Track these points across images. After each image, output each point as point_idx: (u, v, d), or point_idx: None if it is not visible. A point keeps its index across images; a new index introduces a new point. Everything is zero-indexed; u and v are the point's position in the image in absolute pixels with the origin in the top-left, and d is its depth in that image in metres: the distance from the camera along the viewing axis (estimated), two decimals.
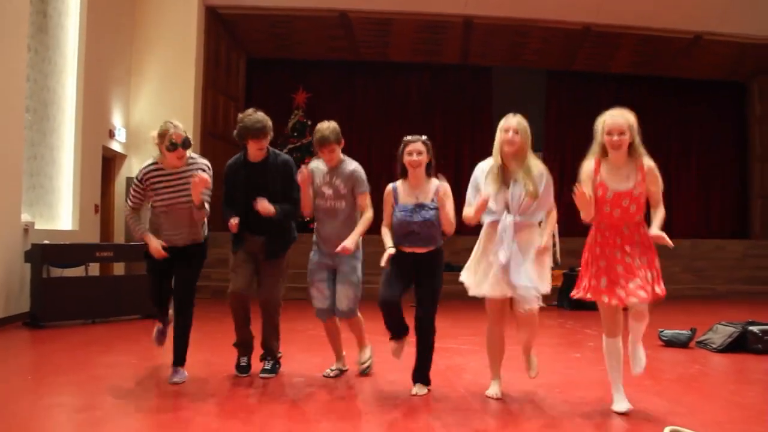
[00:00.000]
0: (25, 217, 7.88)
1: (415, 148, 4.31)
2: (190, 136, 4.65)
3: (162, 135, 4.46)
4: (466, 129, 15.37)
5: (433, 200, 4.29)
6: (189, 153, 4.62)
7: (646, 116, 17.04)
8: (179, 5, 11.97)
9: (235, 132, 4.77)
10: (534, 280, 4.01)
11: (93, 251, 8.10)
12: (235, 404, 4.07)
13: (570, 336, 7.03)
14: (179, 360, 4.67)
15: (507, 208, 4.05)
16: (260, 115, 4.71)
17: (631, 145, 3.80)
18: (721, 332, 6.35)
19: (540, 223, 4.17)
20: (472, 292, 4.17)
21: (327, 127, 4.60)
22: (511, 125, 4.10)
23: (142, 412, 3.89)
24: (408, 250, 4.31)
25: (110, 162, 11.24)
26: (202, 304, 5.08)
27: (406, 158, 4.32)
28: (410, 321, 4.41)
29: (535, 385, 4.44)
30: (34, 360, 5.78)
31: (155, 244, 4.52)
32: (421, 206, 4.29)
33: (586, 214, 3.81)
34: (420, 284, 4.37)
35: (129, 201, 4.73)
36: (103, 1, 10.19)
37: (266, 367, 4.87)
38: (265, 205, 4.51)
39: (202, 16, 12.32)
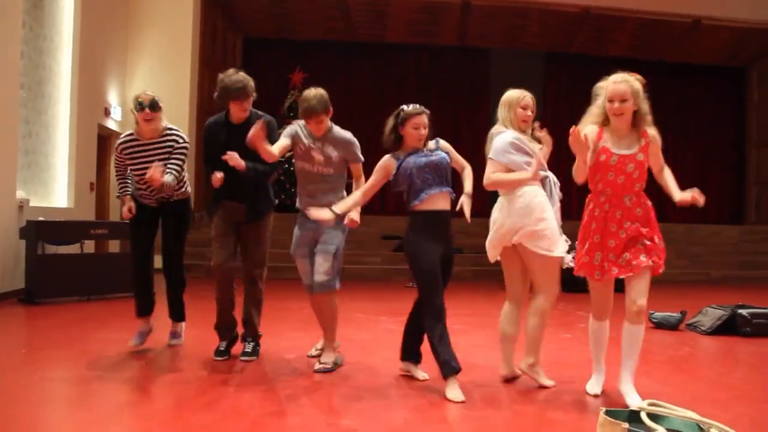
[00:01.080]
0: (20, 194, 7.88)
1: (422, 122, 4.00)
2: (186, 115, 4.67)
3: (133, 99, 4.61)
4: (464, 111, 15.36)
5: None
6: (166, 123, 4.72)
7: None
8: None
9: (215, 93, 4.52)
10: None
11: (88, 229, 8.12)
12: (219, 385, 4.11)
13: (562, 317, 7.07)
14: (174, 315, 4.98)
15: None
16: (241, 74, 4.48)
17: (635, 114, 3.59)
18: (711, 315, 6.41)
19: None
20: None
21: (314, 95, 4.29)
22: (529, 104, 4.14)
23: (133, 386, 3.93)
24: (440, 205, 3.94)
25: (106, 140, 11.23)
26: (197, 282, 5.10)
27: (412, 132, 3.97)
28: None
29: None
30: (29, 335, 5.82)
31: (126, 207, 4.73)
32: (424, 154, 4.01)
33: (580, 173, 3.60)
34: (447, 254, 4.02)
35: (116, 171, 4.93)
36: None
37: (247, 350, 4.68)
38: (235, 159, 4.18)
39: None
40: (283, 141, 4.39)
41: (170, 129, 4.73)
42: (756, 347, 5.63)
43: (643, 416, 2.36)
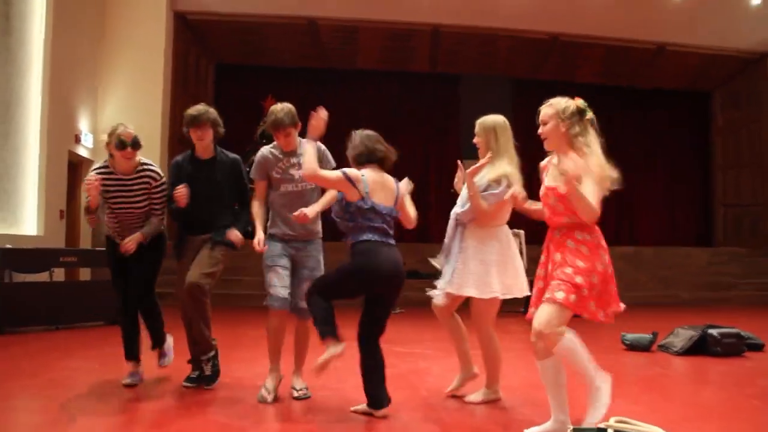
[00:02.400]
0: None
1: None
2: (158, 142, 4.64)
3: (111, 134, 4.43)
4: (435, 136, 15.49)
5: None
6: (140, 158, 4.58)
7: (613, 125, 17.36)
8: (148, 10, 11.93)
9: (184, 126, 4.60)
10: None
11: (57, 256, 7.98)
12: (194, 408, 4.05)
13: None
14: (160, 342, 4.84)
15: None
16: (203, 106, 4.61)
17: (565, 136, 3.34)
18: (682, 336, 6.48)
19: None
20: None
21: (281, 109, 4.32)
22: (476, 131, 4.22)
23: (100, 415, 3.85)
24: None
25: (77, 167, 11.12)
26: (167, 312, 5.01)
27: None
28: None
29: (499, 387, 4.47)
30: None
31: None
32: None
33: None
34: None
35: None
36: (70, 4, 10.10)
37: (207, 373, 4.57)
38: (237, 235, 4.44)
39: (170, 21, 12.29)
40: (261, 187, 4.43)
41: (145, 164, 4.59)
42: (726, 367, 5.70)
43: None
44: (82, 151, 11.08)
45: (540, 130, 3.40)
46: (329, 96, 15.00)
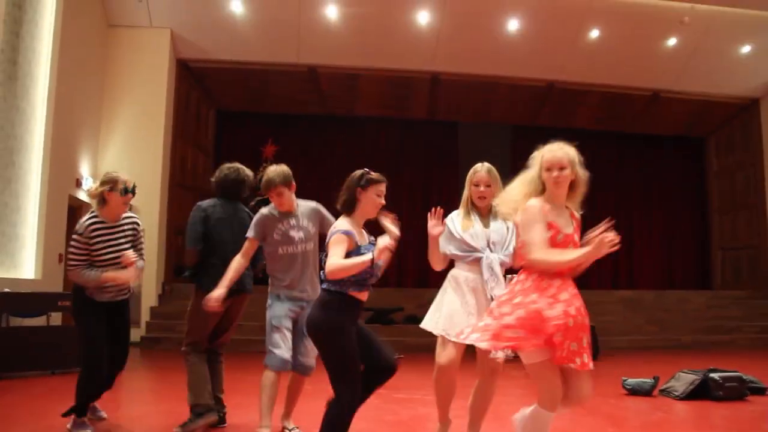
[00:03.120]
0: None
1: (384, 191, 3.70)
2: (158, 187, 4.76)
3: (112, 181, 4.51)
4: (434, 183, 15.62)
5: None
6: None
7: (609, 170, 17.51)
8: (151, 57, 12.12)
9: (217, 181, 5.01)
10: None
11: (54, 300, 7.95)
12: None
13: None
14: (83, 411, 4.62)
15: (489, 246, 3.92)
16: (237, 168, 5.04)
17: (572, 184, 3.34)
18: (683, 380, 6.44)
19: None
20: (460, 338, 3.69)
21: (274, 170, 4.41)
22: (482, 179, 4.01)
23: None
24: (364, 297, 3.57)
25: (76, 211, 11.14)
26: (168, 355, 5.00)
27: (375, 199, 3.63)
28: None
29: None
30: None
31: (124, 276, 4.50)
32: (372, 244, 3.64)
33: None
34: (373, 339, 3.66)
35: (72, 260, 4.50)
36: (75, 52, 10.28)
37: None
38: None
39: (173, 68, 12.48)
40: (254, 245, 4.42)
41: (127, 213, 4.72)
42: (729, 411, 5.66)
43: None
44: (83, 195, 11.13)
45: (556, 174, 3.27)
46: (329, 142, 15.24)
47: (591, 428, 4.94)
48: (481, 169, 4.05)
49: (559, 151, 3.30)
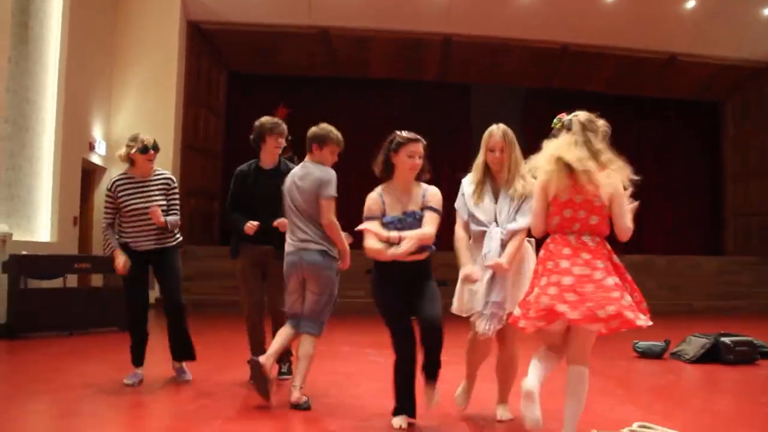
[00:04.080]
0: (3, 228, 7.83)
1: (418, 151, 3.75)
2: (170, 149, 4.85)
3: (133, 140, 4.81)
4: (445, 146, 15.51)
5: (421, 208, 3.74)
6: (154, 166, 4.93)
7: (623, 134, 17.32)
8: (161, 19, 12.02)
9: (251, 136, 4.96)
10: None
11: (71, 263, 8.06)
12: (212, 411, 4.09)
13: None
14: (189, 354, 4.96)
15: (495, 220, 3.79)
16: (276, 120, 4.99)
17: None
18: (694, 344, 6.47)
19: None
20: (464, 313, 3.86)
21: (333, 129, 4.53)
22: (497, 144, 3.84)
23: (120, 419, 3.89)
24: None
25: (90, 175, 11.21)
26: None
27: (406, 160, 3.71)
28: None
29: (512, 395, 4.47)
30: (10, 370, 5.74)
31: (121, 262, 4.76)
32: (410, 215, 3.73)
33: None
34: (418, 293, 3.75)
35: (104, 217, 4.94)
36: (85, 14, 10.21)
37: (283, 369, 5.09)
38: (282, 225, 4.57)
39: (183, 30, 12.38)
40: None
41: (158, 170, 4.98)
42: (739, 375, 5.70)
43: None
44: (96, 159, 11.18)
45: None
46: (340, 104, 15.13)
47: (601, 390, 4.98)
48: (497, 132, 3.87)
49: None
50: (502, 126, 3.93)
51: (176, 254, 5.02)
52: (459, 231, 3.91)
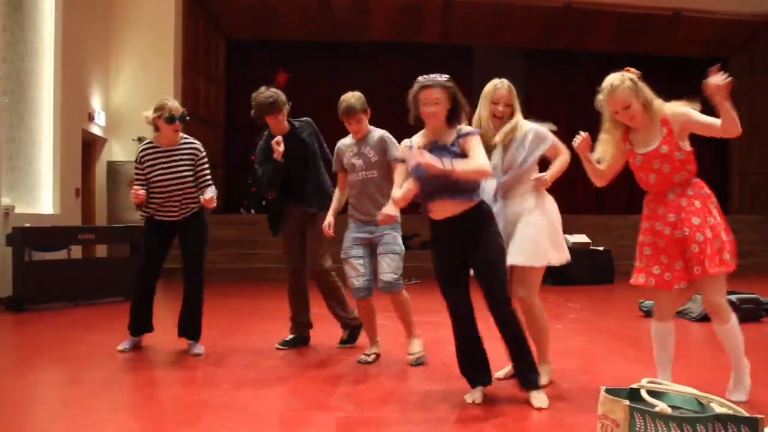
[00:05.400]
0: (6, 200, 7.81)
1: (430, 98, 3.40)
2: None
3: (161, 108, 4.65)
4: None
5: (454, 144, 3.39)
6: (181, 134, 4.80)
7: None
8: None
9: (252, 112, 4.87)
10: (522, 253, 3.62)
11: (75, 234, 8.06)
12: (222, 380, 4.10)
13: (552, 309, 7.10)
14: (194, 334, 4.86)
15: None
16: (271, 90, 4.82)
17: (647, 106, 3.38)
18: (700, 302, 6.44)
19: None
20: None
21: (352, 95, 4.43)
22: (503, 97, 3.82)
23: (127, 386, 3.91)
24: (439, 215, 3.40)
25: (90, 146, 11.16)
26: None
27: (421, 108, 3.43)
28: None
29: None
30: (17, 341, 5.77)
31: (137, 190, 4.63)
32: (440, 148, 3.36)
33: (592, 174, 3.52)
34: (474, 259, 3.46)
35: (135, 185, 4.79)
36: None
37: (344, 337, 5.07)
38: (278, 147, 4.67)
39: None
40: (341, 178, 4.66)
41: (186, 137, 4.85)
42: (745, 332, 5.58)
43: (644, 393, 2.38)
44: (96, 129, 11.12)
45: (622, 114, 3.37)
46: (341, 69, 14.98)
47: (609, 349, 5.01)
48: (502, 86, 3.84)
49: (616, 93, 3.37)
50: (506, 80, 3.91)
51: (200, 221, 4.87)
52: None
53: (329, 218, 4.53)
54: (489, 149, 3.80)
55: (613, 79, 3.38)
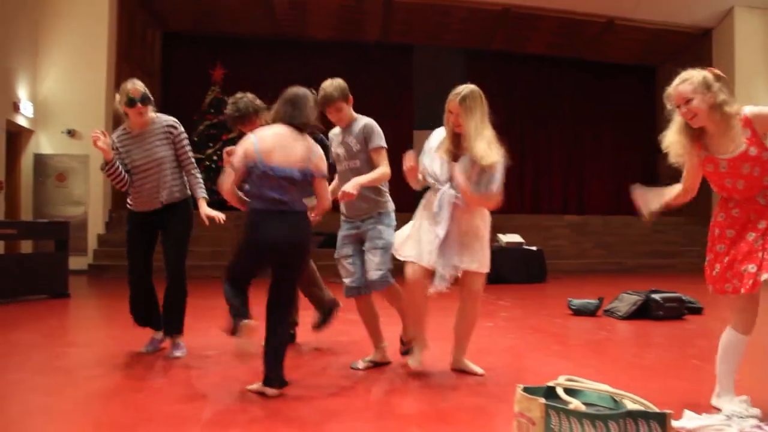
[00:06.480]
0: None
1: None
2: (103, 111, 4.52)
3: (120, 92, 4.36)
4: (389, 105, 15.44)
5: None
6: (153, 114, 4.46)
7: (563, 97, 17.52)
8: None
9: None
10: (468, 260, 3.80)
11: None
12: (140, 382, 3.99)
13: (484, 307, 7.17)
14: (176, 329, 4.53)
15: (451, 181, 3.78)
16: (243, 101, 4.72)
17: (716, 108, 3.06)
18: (626, 300, 6.66)
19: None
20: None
21: (331, 83, 4.17)
22: (452, 108, 3.78)
23: (45, 388, 3.76)
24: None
25: (16, 137, 10.74)
26: (116, 283, 4.91)
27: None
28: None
29: (447, 352, 4.51)
30: None
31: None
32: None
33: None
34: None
35: None
36: None
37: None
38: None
39: None
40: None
41: (159, 116, 4.50)
42: (668, 329, 5.89)
43: (560, 391, 2.42)
44: (22, 121, 10.70)
45: (684, 109, 3.11)
46: (280, 65, 14.83)
47: (537, 346, 5.09)
48: (455, 97, 3.78)
49: (678, 86, 3.15)
50: (465, 90, 3.81)
51: (185, 207, 4.54)
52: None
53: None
54: (459, 148, 3.83)
55: (687, 71, 3.16)
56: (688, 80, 3.10)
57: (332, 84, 4.18)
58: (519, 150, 15.45)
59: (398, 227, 4.14)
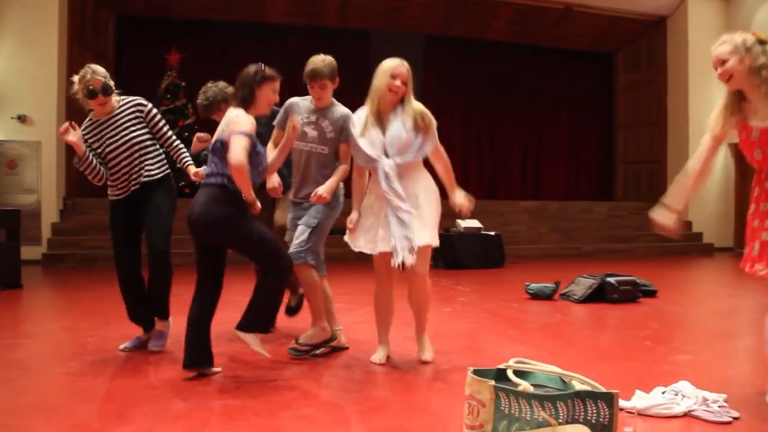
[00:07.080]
0: None
1: (277, 88, 3.84)
2: (55, 96, 4.33)
3: (80, 80, 4.09)
4: (346, 90, 15.29)
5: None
6: (117, 98, 4.25)
7: (521, 83, 17.61)
8: None
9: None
10: (413, 231, 3.68)
11: None
12: (96, 370, 3.93)
13: (443, 293, 7.25)
14: (159, 312, 4.36)
15: (385, 152, 3.76)
16: (211, 91, 4.80)
17: (755, 72, 2.95)
18: (582, 284, 6.77)
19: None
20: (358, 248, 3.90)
21: (322, 60, 4.10)
22: (402, 75, 3.79)
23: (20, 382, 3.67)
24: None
25: None
26: (71, 273, 4.79)
27: (271, 96, 3.81)
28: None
29: (405, 338, 4.52)
30: None
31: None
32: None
33: None
34: None
35: None
36: None
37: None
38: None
39: None
40: (279, 136, 4.20)
41: (125, 98, 4.28)
42: (622, 312, 6.01)
43: (510, 374, 2.44)
44: None
45: (720, 71, 3.01)
46: (236, 49, 14.58)
47: (493, 330, 5.14)
48: (403, 65, 3.83)
49: (720, 45, 3.03)
50: (405, 62, 3.88)
51: (161, 191, 4.29)
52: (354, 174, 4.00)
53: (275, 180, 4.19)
54: (383, 122, 3.83)
55: (727, 34, 3.07)
56: (727, 42, 3.02)
57: (324, 60, 4.13)
58: (476, 136, 15.57)
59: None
